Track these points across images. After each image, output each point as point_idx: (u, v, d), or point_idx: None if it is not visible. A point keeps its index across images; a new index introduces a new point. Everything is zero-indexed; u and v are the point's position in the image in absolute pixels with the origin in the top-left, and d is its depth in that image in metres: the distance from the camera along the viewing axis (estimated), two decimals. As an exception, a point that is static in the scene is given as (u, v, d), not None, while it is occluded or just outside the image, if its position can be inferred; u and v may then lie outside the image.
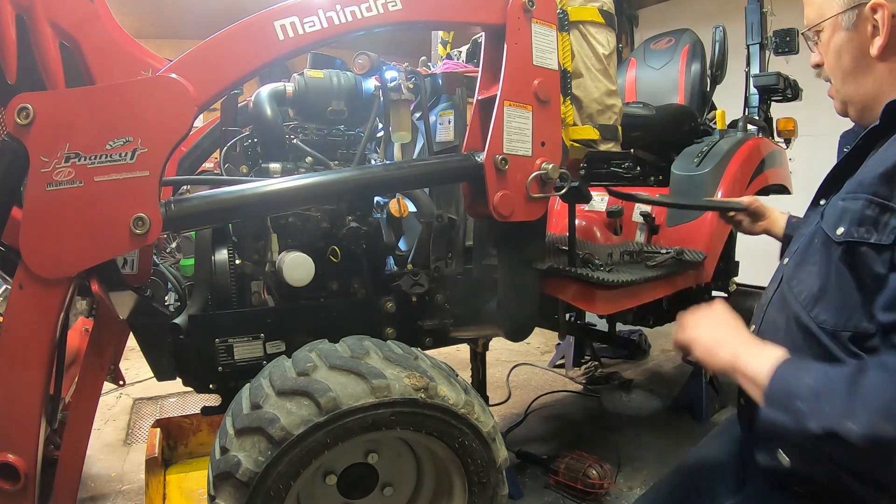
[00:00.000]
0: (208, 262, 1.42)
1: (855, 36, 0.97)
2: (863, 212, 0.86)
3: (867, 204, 0.86)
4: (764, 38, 3.57)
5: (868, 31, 0.95)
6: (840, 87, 1.03)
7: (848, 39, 0.98)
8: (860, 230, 0.85)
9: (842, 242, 0.87)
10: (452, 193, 1.67)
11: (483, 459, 1.20)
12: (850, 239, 0.86)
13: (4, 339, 1.03)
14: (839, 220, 0.90)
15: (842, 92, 1.04)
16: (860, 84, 1.00)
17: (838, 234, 0.88)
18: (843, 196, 0.92)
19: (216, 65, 1.11)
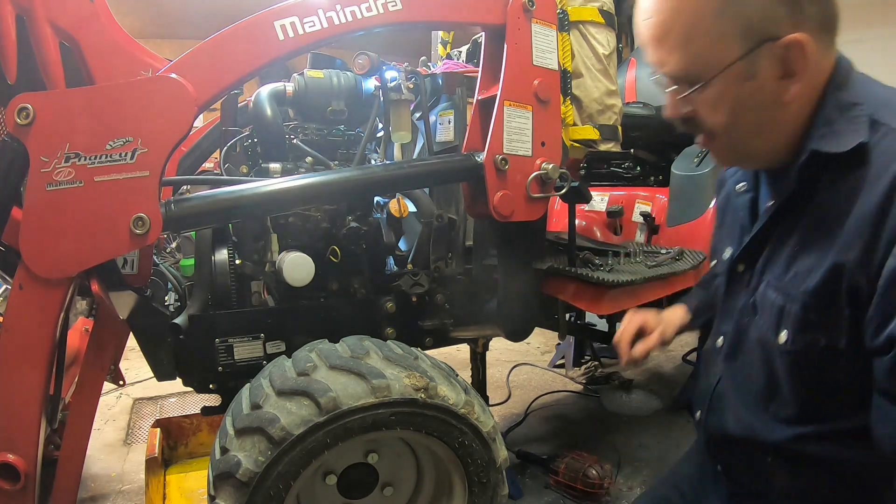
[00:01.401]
0: (208, 262, 1.42)
1: (761, 85, 0.72)
2: (803, 315, 0.74)
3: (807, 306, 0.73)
4: (764, 38, 3.57)
5: (775, 73, 0.71)
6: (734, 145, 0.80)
7: (751, 92, 0.72)
8: (806, 337, 0.74)
9: (788, 352, 0.76)
10: (452, 193, 1.67)
11: (483, 459, 1.20)
12: (797, 349, 0.75)
13: (4, 339, 1.03)
14: (779, 321, 0.77)
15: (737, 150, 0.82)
16: (766, 138, 0.78)
17: (782, 343, 0.76)
18: (775, 284, 0.79)
19: (216, 65, 1.11)
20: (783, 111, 0.74)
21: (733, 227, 0.96)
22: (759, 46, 0.70)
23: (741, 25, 0.70)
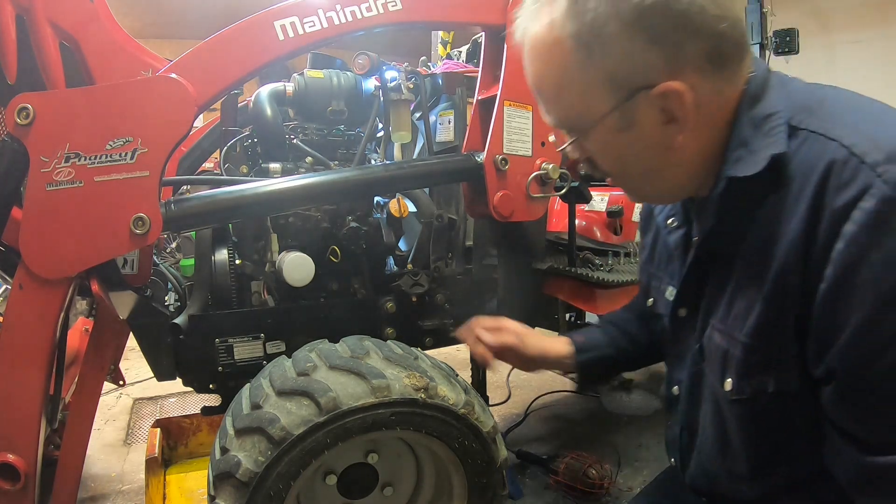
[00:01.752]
0: (208, 262, 1.42)
1: (640, 134, 0.69)
2: (746, 358, 0.69)
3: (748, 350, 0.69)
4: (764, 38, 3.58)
5: (656, 120, 0.67)
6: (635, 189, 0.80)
7: (631, 141, 0.70)
8: (751, 382, 0.70)
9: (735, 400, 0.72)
10: (452, 193, 1.67)
11: (483, 459, 1.20)
12: (743, 397, 0.71)
13: (4, 339, 1.03)
14: (723, 367, 0.73)
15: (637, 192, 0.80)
16: (659, 181, 0.75)
17: (727, 391, 0.72)
18: (720, 327, 0.74)
19: (216, 65, 1.11)
20: (677, 154, 0.70)
21: (669, 265, 0.91)
22: (632, 97, 0.66)
23: (607, 79, 0.66)
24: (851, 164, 0.60)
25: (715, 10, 0.64)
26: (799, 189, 0.63)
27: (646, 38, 0.63)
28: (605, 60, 0.65)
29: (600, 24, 0.63)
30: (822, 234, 0.61)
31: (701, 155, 0.71)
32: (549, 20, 0.67)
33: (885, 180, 0.57)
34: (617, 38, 0.64)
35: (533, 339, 1.09)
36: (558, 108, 0.72)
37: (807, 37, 3.89)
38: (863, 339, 0.59)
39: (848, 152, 0.60)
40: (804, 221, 0.62)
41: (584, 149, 0.75)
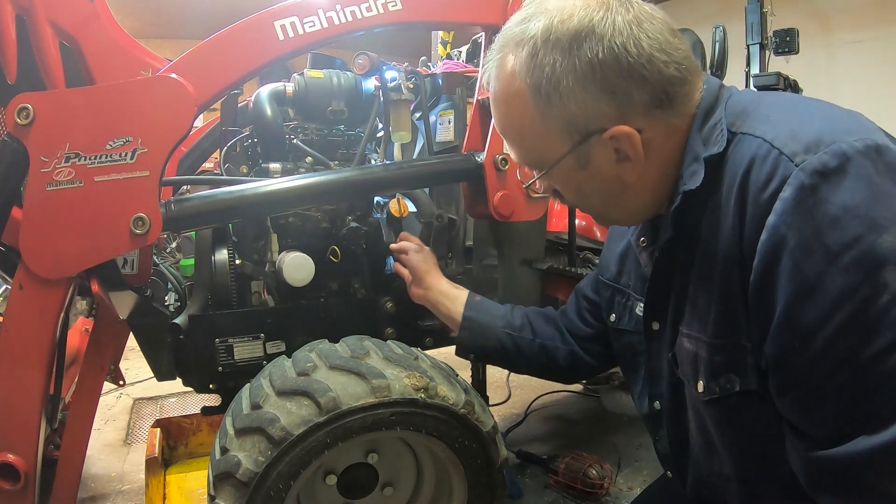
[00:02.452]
0: (208, 262, 1.42)
1: (596, 172, 0.75)
2: (711, 359, 0.71)
3: (712, 349, 0.71)
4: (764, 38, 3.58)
5: (610, 158, 0.73)
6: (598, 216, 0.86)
7: (588, 177, 0.76)
8: (720, 381, 0.71)
9: (708, 401, 0.74)
10: (452, 193, 1.67)
11: (483, 459, 1.20)
12: (714, 396, 0.72)
13: (4, 339, 1.03)
14: (695, 370, 0.75)
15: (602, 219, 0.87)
16: (620, 208, 0.80)
17: (700, 392, 0.74)
18: (685, 332, 0.77)
19: (216, 65, 1.11)
20: (633, 186, 0.76)
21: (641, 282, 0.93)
22: (586, 140, 0.72)
23: (563, 125, 0.72)
24: (772, 156, 0.62)
25: (663, 58, 0.69)
26: (729, 188, 0.67)
27: (598, 88, 0.69)
28: (562, 109, 0.71)
29: (557, 77, 0.70)
30: (749, 227, 0.64)
31: (659, 181, 0.76)
32: (511, 71, 0.73)
33: (802, 169, 0.59)
34: (572, 89, 0.70)
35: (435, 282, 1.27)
36: (521, 150, 0.79)
37: (807, 37, 3.89)
38: (788, 327, 0.60)
39: (769, 146, 0.63)
40: (734, 217, 0.66)
41: (548, 184, 0.81)
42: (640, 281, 0.93)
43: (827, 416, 0.61)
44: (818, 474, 0.63)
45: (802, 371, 0.61)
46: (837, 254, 0.57)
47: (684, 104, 0.73)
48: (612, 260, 1.03)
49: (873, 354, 0.57)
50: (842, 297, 0.57)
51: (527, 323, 1.18)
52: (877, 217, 0.57)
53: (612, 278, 1.02)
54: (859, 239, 0.56)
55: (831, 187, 0.58)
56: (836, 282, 0.57)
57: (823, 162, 0.59)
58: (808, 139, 0.61)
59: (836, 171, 0.58)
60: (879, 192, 0.58)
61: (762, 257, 0.62)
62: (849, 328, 0.57)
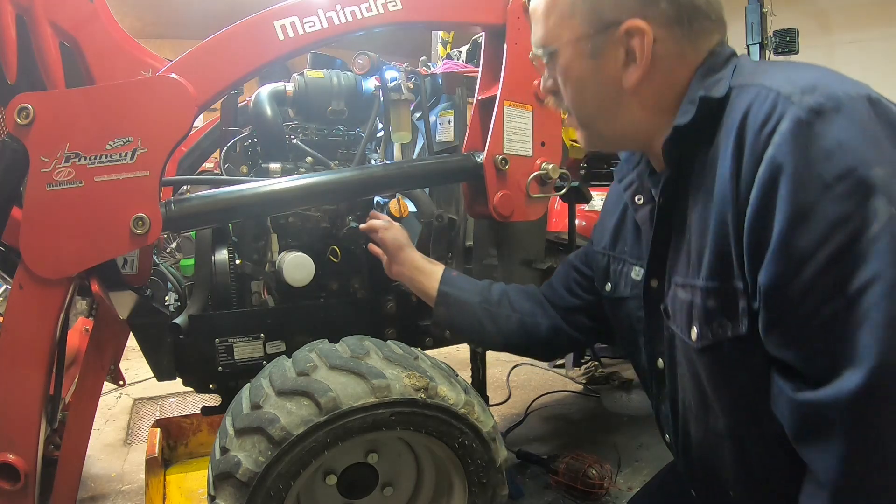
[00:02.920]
0: (208, 262, 1.42)
1: (602, 66, 0.78)
2: (705, 304, 0.72)
3: (706, 294, 0.72)
4: (764, 38, 3.58)
5: (619, 58, 0.76)
6: (586, 123, 0.86)
7: (592, 70, 0.79)
8: (713, 327, 0.72)
9: (701, 348, 0.74)
10: (452, 193, 1.67)
11: (483, 459, 1.20)
12: (707, 343, 0.73)
13: (4, 339, 1.03)
14: (689, 318, 0.75)
15: (589, 129, 0.87)
16: (613, 121, 0.82)
17: (693, 340, 0.75)
18: (679, 281, 0.78)
19: (216, 65, 1.11)
20: (628, 97, 0.79)
21: (636, 245, 0.95)
22: (604, 31, 0.76)
23: (591, 8, 0.77)
24: (770, 97, 0.65)
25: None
26: (727, 131, 0.69)
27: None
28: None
29: None
30: (747, 164, 0.65)
31: (653, 108, 0.79)
32: None
33: (798, 105, 0.62)
34: None
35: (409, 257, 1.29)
36: (543, 28, 0.82)
37: (807, 37, 3.89)
38: (782, 253, 0.61)
39: (767, 90, 0.66)
40: (732, 157, 0.67)
41: (555, 73, 0.84)
42: (636, 245, 0.95)
43: (815, 351, 0.61)
44: (802, 420, 0.63)
45: (793, 300, 0.61)
46: (830, 184, 0.59)
47: (700, 39, 0.77)
48: (606, 231, 1.04)
49: (861, 285, 0.57)
50: (834, 225, 0.58)
51: (505, 298, 1.18)
52: (868, 153, 0.59)
53: (608, 247, 1.03)
54: (852, 171, 0.58)
55: (826, 124, 0.60)
56: (828, 210, 0.59)
57: (819, 102, 0.61)
58: (805, 84, 0.64)
59: (830, 111, 0.61)
60: (870, 134, 0.60)
61: (760, 189, 0.63)
62: (840, 257, 0.58)
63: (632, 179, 0.94)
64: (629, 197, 0.94)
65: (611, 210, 1.05)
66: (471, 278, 1.25)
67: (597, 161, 2.43)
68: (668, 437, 0.95)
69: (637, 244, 0.95)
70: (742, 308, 0.68)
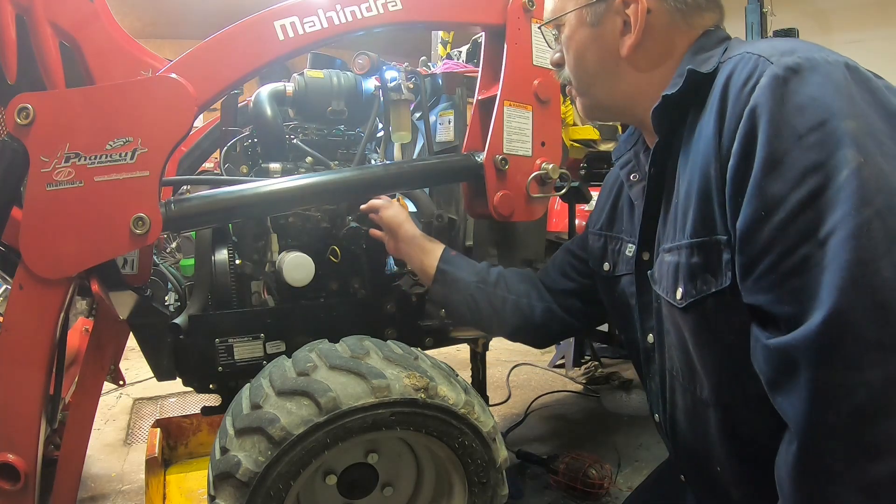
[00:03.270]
0: (208, 262, 1.42)
1: (601, 33, 0.84)
2: (689, 261, 0.74)
3: (690, 251, 0.74)
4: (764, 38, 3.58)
5: (617, 26, 0.83)
6: (585, 90, 0.91)
7: (593, 37, 0.85)
8: (697, 284, 0.73)
9: (686, 307, 0.75)
10: (452, 193, 1.67)
11: (483, 459, 1.20)
12: (692, 299, 0.74)
13: (4, 339, 1.03)
14: (675, 280, 0.77)
15: (588, 96, 0.91)
16: (610, 88, 0.88)
17: (679, 299, 0.76)
18: (668, 247, 0.80)
19: (216, 65, 1.11)
20: (624, 65, 0.84)
21: (630, 221, 0.99)
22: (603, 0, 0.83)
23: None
24: (752, 60, 0.70)
25: None
26: (712, 97, 0.73)
27: None
28: None
29: None
30: (729, 120, 0.69)
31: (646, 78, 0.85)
32: None
33: (776, 64, 0.66)
34: None
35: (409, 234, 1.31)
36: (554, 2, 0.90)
37: (807, 37, 3.89)
38: (757, 197, 0.64)
39: (749, 54, 0.71)
40: (716, 115, 0.71)
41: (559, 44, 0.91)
42: (630, 223, 0.98)
43: (784, 295, 0.62)
44: (773, 368, 0.64)
45: (765, 244, 0.63)
46: (802, 135, 0.62)
47: (693, 16, 0.83)
48: (602, 211, 1.08)
49: (828, 230, 0.59)
50: (805, 172, 0.61)
51: (502, 280, 1.20)
52: (841, 107, 0.62)
53: (604, 227, 1.06)
54: (823, 122, 0.61)
55: (801, 80, 0.64)
56: (800, 158, 0.62)
57: (797, 62, 0.65)
58: (785, 48, 0.69)
59: (806, 70, 0.65)
60: (844, 92, 0.63)
61: (740, 140, 0.66)
62: (809, 203, 0.61)
63: (628, 158, 0.98)
64: (625, 175, 0.98)
65: (607, 192, 1.09)
66: (470, 259, 1.28)
67: (597, 161, 2.43)
68: (658, 417, 0.96)
69: (631, 222, 0.98)
70: (725, 261, 0.70)
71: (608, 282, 1.04)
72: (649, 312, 0.91)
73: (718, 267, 0.71)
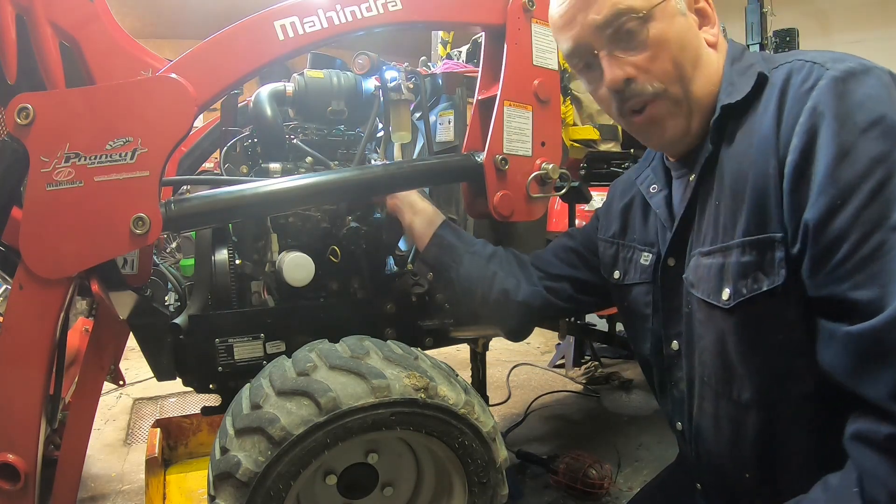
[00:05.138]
0: (208, 262, 1.42)
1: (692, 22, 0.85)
2: (740, 260, 0.75)
3: (742, 250, 0.75)
4: (764, 38, 3.58)
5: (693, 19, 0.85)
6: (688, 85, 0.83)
7: (687, 28, 0.83)
8: (748, 282, 0.74)
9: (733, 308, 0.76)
10: (452, 193, 1.67)
11: (483, 459, 1.20)
12: (741, 298, 0.75)
13: (4, 339, 1.03)
14: (720, 281, 0.78)
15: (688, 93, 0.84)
16: (708, 77, 0.85)
17: (725, 300, 0.77)
18: (707, 250, 0.81)
19: (216, 65, 1.11)
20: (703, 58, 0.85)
21: (645, 230, 1.00)
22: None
23: None
24: (807, 66, 0.75)
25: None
26: (766, 101, 0.77)
27: None
28: None
29: None
30: (787, 118, 0.72)
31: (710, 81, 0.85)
32: None
33: (832, 69, 0.71)
34: None
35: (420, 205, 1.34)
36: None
37: (807, 37, 3.89)
38: (829, 186, 0.67)
39: (803, 62, 0.76)
40: (773, 117, 0.74)
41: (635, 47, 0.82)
42: (644, 232, 1.00)
43: (864, 280, 0.65)
44: (859, 354, 0.65)
45: (840, 233, 0.66)
46: (865, 129, 0.67)
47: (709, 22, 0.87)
48: (614, 219, 1.08)
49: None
50: (875, 161, 0.65)
51: (496, 257, 1.22)
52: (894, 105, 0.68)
53: (617, 236, 1.07)
54: (882, 118, 0.67)
55: (857, 82, 0.70)
56: (868, 148, 0.66)
57: (851, 67, 0.71)
58: (837, 56, 0.74)
59: (861, 73, 0.70)
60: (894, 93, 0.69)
61: (801, 136, 0.70)
62: (881, 189, 0.64)
63: (647, 174, 1.00)
64: (645, 188, 0.99)
65: (617, 201, 1.09)
66: (469, 234, 1.32)
67: (597, 161, 2.43)
68: (680, 425, 0.95)
69: (645, 231, 0.99)
70: (778, 258, 0.72)
71: (619, 290, 1.05)
72: (676, 319, 0.90)
73: (772, 265, 0.72)
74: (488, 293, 1.19)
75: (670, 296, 0.91)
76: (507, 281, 1.18)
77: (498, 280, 1.18)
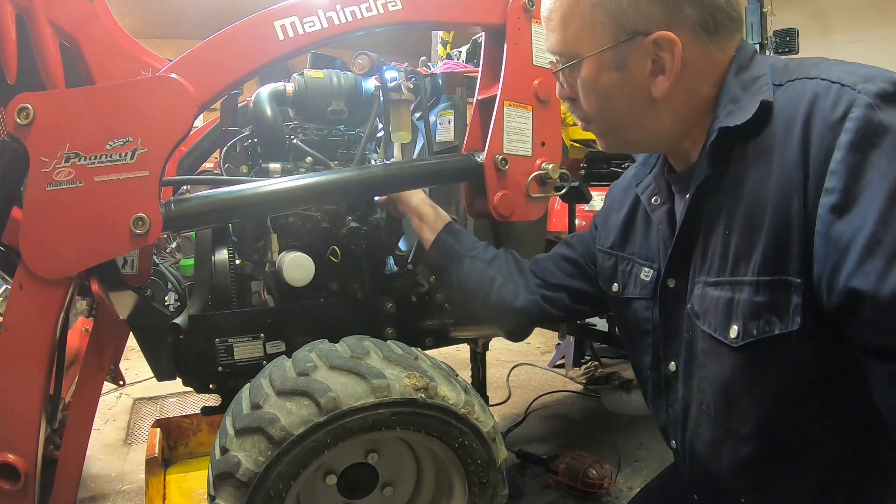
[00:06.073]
0: (208, 262, 1.42)
1: (629, 77, 0.77)
2: (752, 299, 0.70)
3: (755, 289, 0.70)
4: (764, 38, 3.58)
5: (646, 68, 0.75)
6: (614, 132, 0.84)
7: (619, 82, 0.77)
8: (759, 324, 0.70)
9: (741, 347, 0.72)
10: (452, 193, 1.67)
11: (483, 459, 1.20)
12: (750, 339, 0.71)
13: (4, 339, 1.03)
14: (728, 316, 0.74)
15: (615, 136, 0.85)
16: (639, 128, 0.81)
17: (733, 338, 0.73)
18: (715, 280, 0.76)
19: (216, 65, 1.11)
20: (658, 106, 0.78)
21: (646, 244, 0.95)
22: (629, 39, 0.74)
23: (612, 19, 0.75)
24: (833, 89, 0.66)
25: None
26: (785, 125, 0.69)
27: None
28: (614, 3, 0.74)
29: None
30: (817, 153, 0.65)
31: (685, 112, 0.79)
32: None
33: (865, 93, 0.64)
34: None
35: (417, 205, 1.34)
36: (562, 37, 0.80)
37: (807, 37, 3.89)
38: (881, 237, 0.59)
39: (828, 83, 0.67)
40: (798, 149, 0.66)
41: (573, 82, 0.82)
42: (645, 245, 0.95)
43: None
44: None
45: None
46: None
47: (726, 40, 0.77)
48: (612, 229, 1.03)
49: None
50: None
51: (496, 261, 1.22)
52: None
53: (615, 247, 1.02)
54: None
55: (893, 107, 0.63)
56: None
57: (882, 88, 0.64)
58: (863, 74, 0.67)
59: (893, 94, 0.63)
60: None
61: (841, 175, 0.62)
62: None
63: (648, 182, 0.94)
64: (646, 199, 0.93)
65: (615, 208, 1.05)
66: (473, 236, 1.31)
67: (597, 161, 2.43)
68: (675, 444, 0.93)
69: (646, 244, 0.94)
70: (794, 304, 0.66)
71: (618, 302, 1.01)
72: (674, 340, 0.87)
73: (786, 309, 0.67)
74: (487, 298, 1.19)
75: (669, 317, 0.88)
76: (505, 287, 1.17)
77: (496, 286, 1.18)
